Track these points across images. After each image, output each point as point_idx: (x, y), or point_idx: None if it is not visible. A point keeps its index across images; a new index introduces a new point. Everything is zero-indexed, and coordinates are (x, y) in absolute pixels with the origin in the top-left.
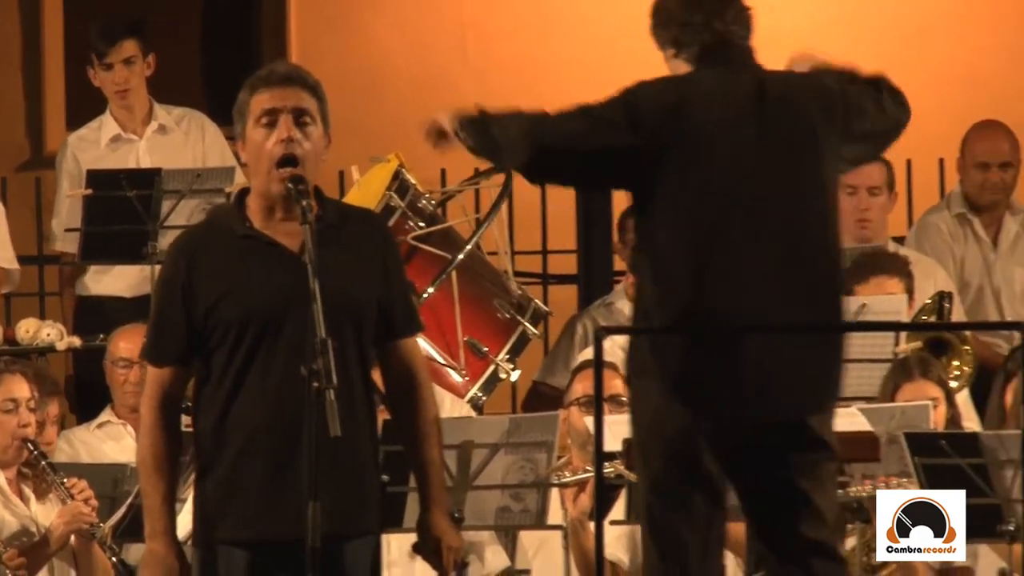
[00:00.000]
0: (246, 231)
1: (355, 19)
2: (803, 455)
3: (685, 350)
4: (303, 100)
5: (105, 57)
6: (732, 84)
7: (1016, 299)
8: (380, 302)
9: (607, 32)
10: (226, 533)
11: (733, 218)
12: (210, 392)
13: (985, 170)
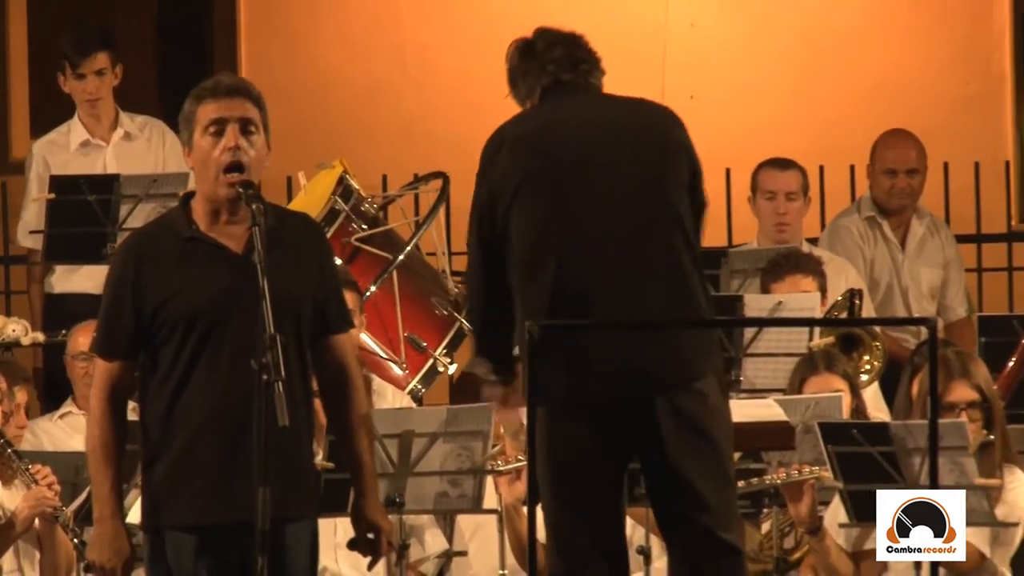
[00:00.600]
0: (192, 234)
1: (301, 34)
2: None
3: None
4: (248, 111)
5: (78, 68)
6: (574, 111)
7: (923, 297)
8: (316, 300)
9: None
10: (175, 519)
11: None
12: (157, 385)
13: (893, 176)
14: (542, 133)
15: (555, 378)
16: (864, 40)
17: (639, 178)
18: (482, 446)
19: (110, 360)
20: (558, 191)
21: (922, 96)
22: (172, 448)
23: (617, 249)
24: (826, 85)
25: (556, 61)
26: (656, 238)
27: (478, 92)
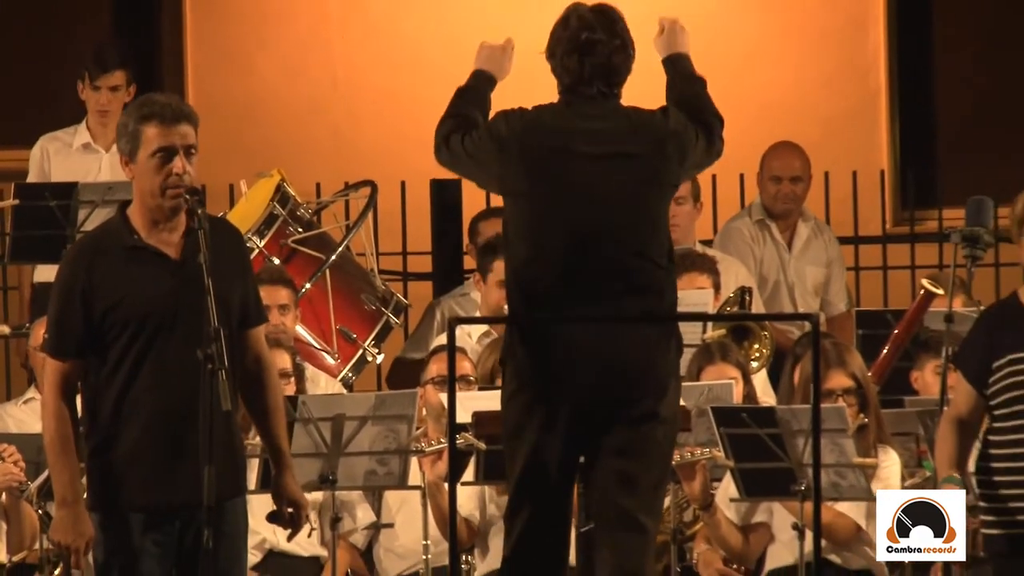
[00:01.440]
0: (134, 243)
1: (242, 54)
2: (633, 431)
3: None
4: (189, 136)
5: (96, 80)
6: (576, 116)
7: (807, 294)
8: (240, 298)
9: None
10: (125, 499)
11: (573, 231)
12: (106, 378)
13: (779, 183)
14: (551, 140)
15: (535, 368)
16: (753, 62)
17: (626, 197)
18: (407, 428)
19: (62, 360)
20: (553, 198)
21: (805, 111)
22: (122, 435)
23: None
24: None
25: (596, 66)
26: (640, 254)
27: (401, 108)
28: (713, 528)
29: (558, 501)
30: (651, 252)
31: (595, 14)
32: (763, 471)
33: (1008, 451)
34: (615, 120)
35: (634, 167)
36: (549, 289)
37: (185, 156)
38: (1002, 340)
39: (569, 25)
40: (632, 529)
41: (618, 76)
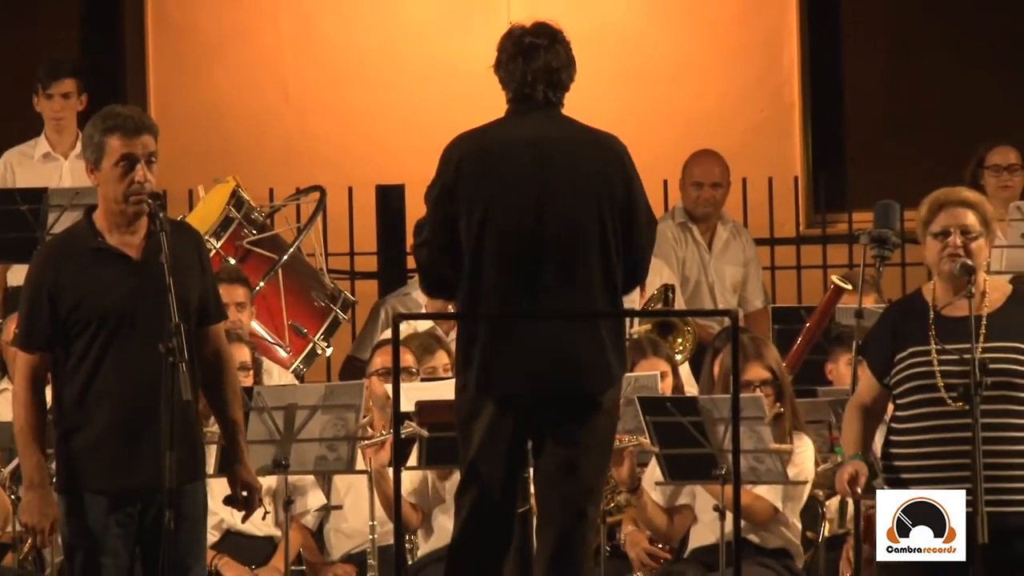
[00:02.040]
0: (99, 244)
1: (200, 69)
2: (576, 421)
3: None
4: (150, 145)
5: (48, 89)
6: (523, 125)
7: (726, 291)
8: (200, 296)
9: (414, 80)
10: (90, 483)
11: (519, 237)
12: (71, 369)
13: (700, 188)
14: (494, 153)
15: (487, 361)
16: (677, 76)
17: (576, 202)
18: (354, 417)
19: (31, 352)
20: (499, 207)
21: (725, 122)
22: (86, 426)
23: (545, 264)
24: (645, 112)
25: (537, 71)
26: (582, 255)
27: (349, 119)
28: (640, 510)
29: (506, 485)
30: (600, 256)
31: (537, 25)
32: (686, 456)
33: (909, 438)
34: (563, 129)
35: (581, 174)
36: (499, 287)
37: (146, 165)
38: (905, 333)
39: (512, 34)
40: (575, 515)
41: (560, 81)
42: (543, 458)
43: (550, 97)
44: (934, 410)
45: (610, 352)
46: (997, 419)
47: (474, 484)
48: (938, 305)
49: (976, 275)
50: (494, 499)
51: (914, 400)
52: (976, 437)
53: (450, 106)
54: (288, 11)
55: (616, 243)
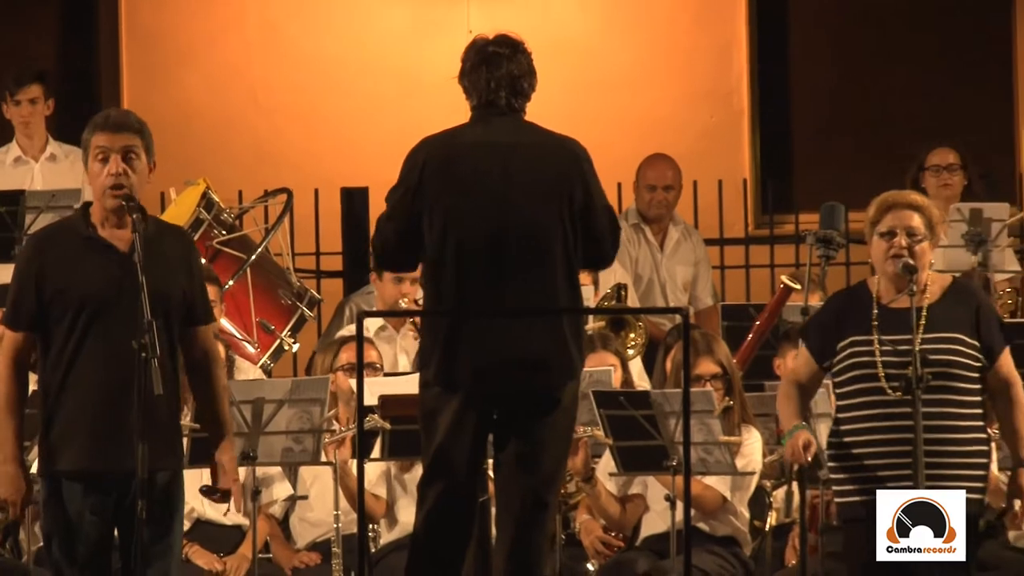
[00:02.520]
0: (89, 234)
1: (172, 75)
2: (537, 416)
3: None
4: (130, 140)
5: (15, 95)
6: (487, 131)
7: (677, 290)
8: (185, 297)
9: (378, 86)
10: (67, 467)
11: (482, 236)
12: (54, 356)
13: (653, 191)
14: (459, 156)
15: (449, 357)
16: (631, 84)
17: (536, 203)
18: (320, 410)
19: (16, 331)
20: (462, 210)
21: (677, 127)
22: (65, 409)
23: (506, 262)
24: (601, 118)
25: (500, 79)
26: (542, 254)
27: (315, 123)
28: (594, 499)
29: (468, 477)
30: (560, 255)
31: (499, 36)
32: (638, 448)
33: (857, 425)
34: (525, 134)
35: (541, 177)
36: (462, 286)
37: (124, 160)
38: (847, 323)
39: (476, 44)
40: (535, 505)
41: (522, 89)
42: (505, 451)
43: (513, 104)
44: (876, 399)
45: (571, 347)
46: (937, 408)
47: (438, 476)
48: (881, 298)
49: (918, 275)
50: (457, 490)
51: (856, 389)
52: (917, 427)
53: (412, 112)
54: (256, 19)
55: (576, 243)
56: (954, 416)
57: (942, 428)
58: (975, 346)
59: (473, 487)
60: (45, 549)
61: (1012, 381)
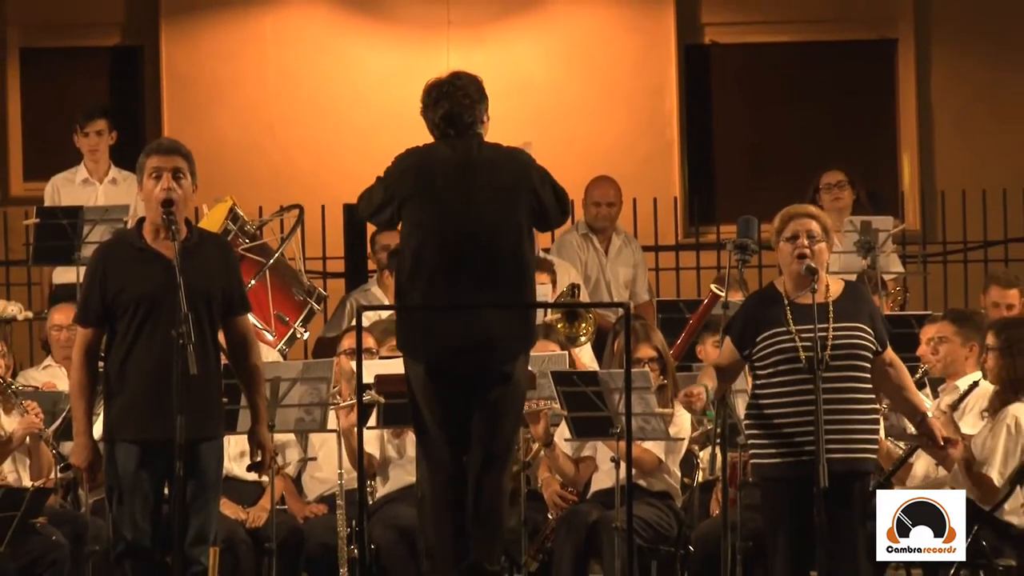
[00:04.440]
0: (141, 245)
1: (203, 111)
2: (494, 389)
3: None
4: (178, 163)
5: (84, 128)
6: (454, 149)
7: (620, 288)
8: (224, 293)
9: (373, 119)
10: (125, 435)
11: (449, 236)
12: (116, 346)
13: (598, 207)
14: (432, 167)
15: (427, 344)
16: (580, 117)
17: (494, 208)
18: (326, 387)
19: (85, 327)
20: (433, 213)
21: (618, 153)
22: (124, 389)
23: (469, 259)
24: (556, 145)
25: (456, 110)
26: (500, 251)
27: (322, 150)
28: (552, 460)
29: (450, 436)
30: (514, 253)
31: (452, 74)
32: (589, 418)
33: (778, 400)
34: (484, 150)
35: (501, 187)
36: (432, 279)
37: (173, 178)
38: (765, 317)
39: (435, 82)
40: (495, 462)
41: (476, 114)
42: (472, 420)
43: (470, 127)
44: (794, 378)
45: (516, 331)
46: (845, 384)
47: (426, 434)
48: (789, 296)
49: (819, 273)
50: (443, 449)
51: (777, 371)
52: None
53: (400, 140)
54: (273, 66)
55: (529, 242)
56: (859, 391)
57: (850, 400)
58: (872, 335)
59: (456, 441)
60: (107, 502)
61: (897, 360)
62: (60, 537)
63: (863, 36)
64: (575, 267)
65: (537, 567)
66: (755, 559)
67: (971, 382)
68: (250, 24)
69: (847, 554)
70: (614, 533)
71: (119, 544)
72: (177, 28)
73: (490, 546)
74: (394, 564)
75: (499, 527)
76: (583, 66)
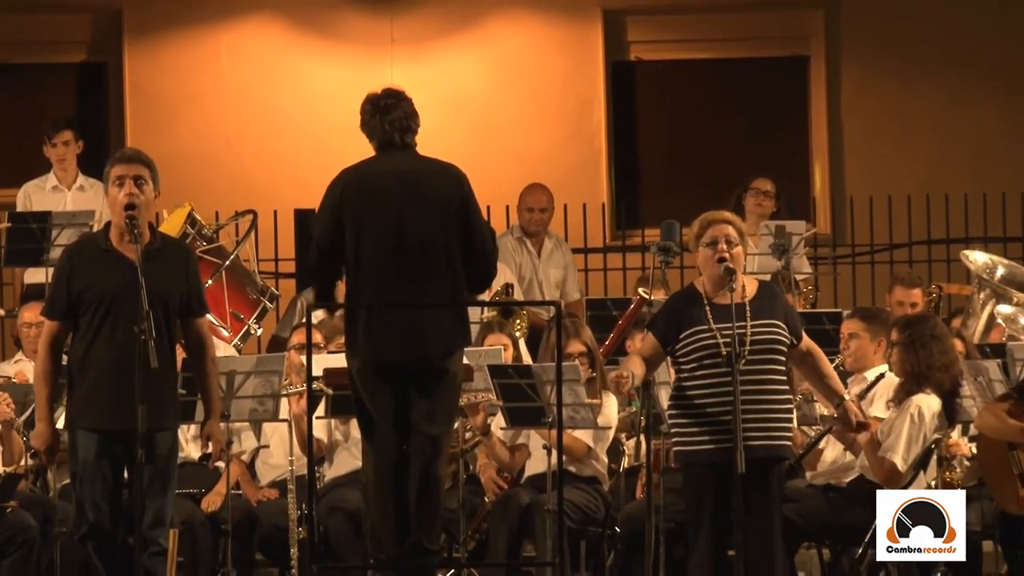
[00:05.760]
0: (106, 247)
1: (164, 125)
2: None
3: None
4: (140, 171)
5: (52, 139)
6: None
7: (551, 287)
8: (183, 295)
9: (322, 132)
10: (86, 423)
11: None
12: (79, 339)
13: (532, 212)
14: (367, 181)
15: (371, 341)
16: (515, 128)
17: (428, 216)
18: (278, 379)
19: (52, 320)
20: (371, 223)
21: (551, 162)
22: (85, 380)
23: (407, 263)
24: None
25: (391, 122)
26: (434, 255)
27: (274, 160)
28: (489, 448)
29: (392, 426)
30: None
31: (387, 90)
32: (523, 408)
33: (700, 392)
34: (417, 163)
35: (434, 196)
36: (373, 282)
37: (135, 184)
38: (686, 316)
39: (370, 98)
40: (434, 447)
41: (410, 130)
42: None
43: (405, 140)
44: (715, 371)
45: (449, 328)
46: (762, 376)
47: (369, 431)
48: (709, 296)
49: (736, 275)
50: (386, 438)
51: (701, 365)
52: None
53: (346, 151)
54: (229, 82)
55: (457, 247)
56: (775, 382)
57: (768, 391)
58: (786, 330)
59: (397, 428)
60: (72, 487)
61: (814, 348)
62: (30, 519)
63: (778, 53)
64: (510, 268)
65: (474, 546)
66: (676, 539)
67: (878, 374)
68: (208, 43)
69: (763, 535)
70: (546, 515)
71: (82, 526)
72: (140, 47)
73: (430, 527)
74: (341, 544)
75: (438, 509)
76: (518, 81)
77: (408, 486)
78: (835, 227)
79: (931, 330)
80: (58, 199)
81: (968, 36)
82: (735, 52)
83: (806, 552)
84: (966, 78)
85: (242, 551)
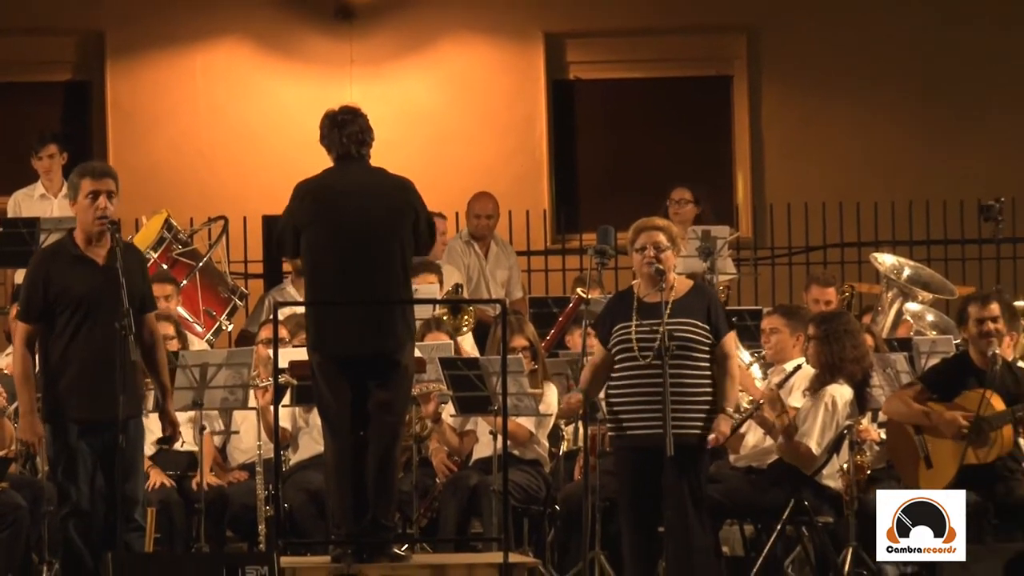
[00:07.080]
0: (77, 253)
1: (143, 137)
2: (386, 373)
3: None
4: (111, 185)
5: (39, 152)
6: (346, 173)
7: (497, 287)
8: (141, 294)
9: (288, 144)
10: (67, 415)
11: (342, 244)
12: (55, 339)
13: (479, 219)
14: (326, 191)
15: (330, 337)
16: (463, 141)
17: (381, 224)
18: (247, 371)
19: (28, 323)
20: (330, 229)
21: (496, 172)
22: (66, 374)
23: (360, 263)
24: (442, 165)
25: (348, 136)
26: (386, 259)
27: (244, 170)
28: (440, 434)
29: (350, 414)
30: (402, 260)
31: (343, 107)
32: (471, 397)
33: (623, 383)
34: (372, 175)
35: (386, 204)
36: (330, 283)
37: (107, 198)
38: (617, 314)
39: (329, 115)
40: (389, 434)
41: (365, 143)
42: (368, 399)
43: (361, 153)
44: (633, 364)
45: (400, 324)
46: (680, 370)
47: (329, 419)
48: (641, 295)
49: (667, 276)
50: (344, 425)
51: (622, 359)
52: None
53: (309, 162)
54: (203, 99)
55: (409, 250)
56: (690, 375)
57: (683, 384)
58: (706, 328)
59: (355, 419)
60: (51, 473)
61: (729, 355)
62: (20, 499)
63: (704, 73)
64: (459, 269)
65: (427, 523)
66: (611, 517)
67: (795, 365)
68: (183, 63)
69: (680, 509)
70: (492, 495)
71: (64, 507)
72: (121, 66)
73: (386, 505)
74: (305, 521)
75: (393, 489)
76: (467, 98)
77: (365, 468)
78: (756, 231)
79: (844, 326)
80: (45, 206)
81: (880, 57)
82: (665, 72)
83: (729, 528)
84: (877, 95)
85: (214, 528)
